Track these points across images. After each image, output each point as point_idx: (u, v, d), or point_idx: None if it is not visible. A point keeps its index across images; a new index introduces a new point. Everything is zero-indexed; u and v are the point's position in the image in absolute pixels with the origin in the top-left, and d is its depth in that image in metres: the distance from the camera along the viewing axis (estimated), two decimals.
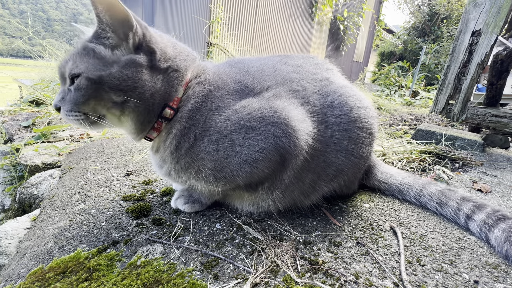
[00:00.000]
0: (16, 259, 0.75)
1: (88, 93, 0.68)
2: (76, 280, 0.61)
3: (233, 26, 6.18)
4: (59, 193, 1.06)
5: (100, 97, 0.69)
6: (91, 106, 0.70)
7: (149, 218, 0.88)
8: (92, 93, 0.68)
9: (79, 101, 0.68)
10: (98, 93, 0.68)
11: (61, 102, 0.70)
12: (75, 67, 0.68)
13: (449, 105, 2.31)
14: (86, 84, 0.67)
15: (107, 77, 0.67)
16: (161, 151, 0.82)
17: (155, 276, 0.63)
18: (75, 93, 0.68)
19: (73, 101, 0.69)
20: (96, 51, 0.69)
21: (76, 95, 0.68)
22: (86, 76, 0.67)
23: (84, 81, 0.67)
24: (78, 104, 0.69)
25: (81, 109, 0.69)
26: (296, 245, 0.78)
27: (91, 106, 0.70)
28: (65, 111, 0.70)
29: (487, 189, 1.28)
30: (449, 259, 0.76)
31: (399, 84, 7.52)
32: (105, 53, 0.69)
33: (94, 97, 0.69)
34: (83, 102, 0.68)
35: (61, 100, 0.71)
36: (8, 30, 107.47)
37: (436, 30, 10.18)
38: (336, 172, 0.91)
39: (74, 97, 0.68)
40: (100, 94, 0.68)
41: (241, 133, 0.75)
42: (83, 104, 0.69)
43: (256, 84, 0.83)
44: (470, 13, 2.06)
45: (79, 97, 0.68)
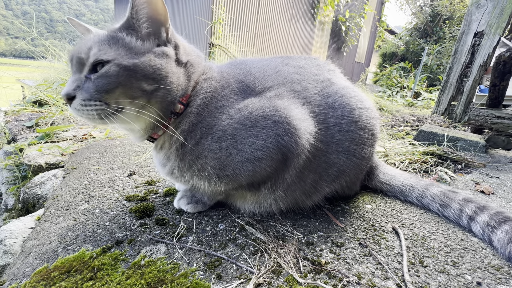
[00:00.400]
0: (21, 258, 0.76)
1: (118, 80, 0.66)
2: (81, 279, 0.62)
3: (235, 27, 6.20)
4: (63, 193, 1.07)
5: (129, 85, 0.67)
6: (116, 94, 0.67)
7: (152, 218, 0.89)
8: (122, 80, 0.66)
9: (104, 89, 0.65)
10: (129, 81, 0.67)
11: (77, 91, 0.66)
12: (103, 54, 0.66)
13: (451, 106, 2.31)
14: (117, 71, 0.65)
15: (141, 64, 0.68)
16: (165, 148, 0.82)
17: (159, 276, 0.63)
18: (101, 80, 0.65)
19: (96, 88, 0.65)
20: (126, 41, 0.70)
21: (102, 82, 0.65)
22: (118, 63, 0.66)
23: (114, 67, 0.65)
24: (102, 91, 0.65)
25: (103, 97, 0.66)
26: (298, 246, 0.78)
27: (116, 95, 0.67)
28: (82, 100, 0.65)
29: (489, 191, 1.28)
30: (452, 261, 0.76)
31: (401, 85, 7.51)
32: (135, 43, 0.70)
33: (123, 85, 0.66)
34: (108, 90, 0.65)
35: (76, 88, 0.66)
36: (11, 31, 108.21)
37: (438, 31, 10.15)
38: (337, 172, 0.91)
39: (98, 84, 0.65)
40: (130, 82, 0.67)
41: (243, 132, 0.76)
42: (107, 92, 0.66)
43: (258, 84, 0.84)
44: (473, 14, 2.06)
45: (105, 84, 0.65)
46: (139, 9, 0.69)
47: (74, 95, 0.65)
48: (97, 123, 0.69)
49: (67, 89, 0.66)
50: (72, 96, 0.66)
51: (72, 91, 0.65)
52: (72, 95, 0.65)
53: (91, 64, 0.66)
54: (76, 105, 0.65)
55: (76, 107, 0.66)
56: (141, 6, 0.68)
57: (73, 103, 0.66)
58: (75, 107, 0.66)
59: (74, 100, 0.65)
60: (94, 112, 0.65)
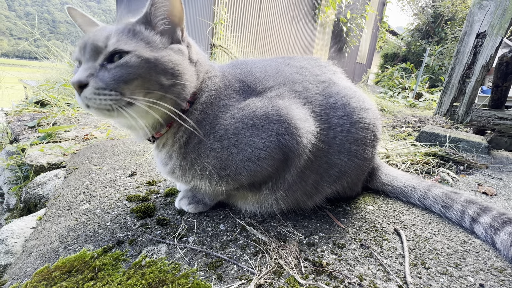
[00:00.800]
0: (23, 258, 0.76)
1: (139, 71, 0.65)
2: (82, 279, 0.62)
3: (236, 27, 6.21)
4: (64, 193, 1.08)
5: (148, 78, 0.66)
6: (133, 86, 0.65)
7: (153, 219, 0.89)
8: (142, 72, 0.65)
9: (123, 79, 0.63)
10: (148, 73, 0.66)
11: (91, 78, 0.63)
12: (123, 44, 0.65)
13: (453, 107, 2.30)
14: (138, 62, 0.65)
15: (162, 58, 0.68)
16: (168, 146, 0.81)
17: (160, 276, 0.63)
18: (120, 70, 0.64)
19: (114, 77, 0.63)
20: (145, 35, 0.70)
21: (122, 71, 0.64)
22: (139, 55, 0.65)
23: (135, 58, 0.65)
24: (119, 81, 0.63)
25: (120, 88, 0.63)
26: (299, 247, 0.78)
27: (133, 86, 0.65)
28: (95, 88, 0.62)
29: (492, 192, 1.27)
30: (454, 262, 0.76)
31: (403, 86, 7.49)
32: (154, 38, 0.71)
33: (142, 77, 0.65)
34: (127, 81, 0.64)
35: (89, 76, 0.63)
36: (14, 32, 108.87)
37: (440, 32, 10.13)
38: (339, 173, 0.91)
39: (116, 73, 0.63)
40: (149, 75, 0.66)
41: (245, 131, 0.76)
42: (125, 83, 0.64)
43: (259, 84, 0.84)
44: (475, 15, 2.05)
45: (124, 74, 0.63)
46: (159, 6, 0.70)
47: (87, 83, 0.62)
48: (105, 115, 0.66)
49: (79, 75, 0.62)
50: (84, 84, 0.62)
51: (85, 78, 0.62)
52: (84, 82, 0.62)
53: (109, 53, 0.65)
54: (87, 93, 0.62)
55: (87, 95, 0.62)
56: (161, 4, 0.69)
57: (84, 91, 0.62)
58: (87, 95, 0.62)
59: (86, 88, 0.62)
60: (107, 102, 0.63)
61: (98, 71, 0.64)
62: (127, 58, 0.64)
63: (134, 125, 0.75)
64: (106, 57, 0.65)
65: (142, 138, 0.82)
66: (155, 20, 0.71)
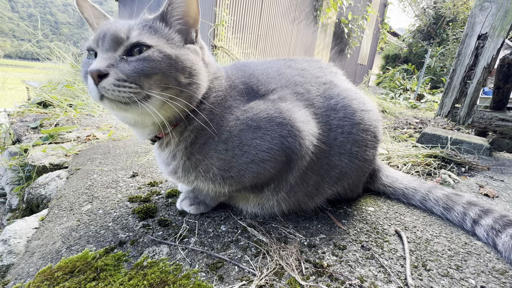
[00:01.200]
0: (25, 258, 0.76)
1: (160, 66, 0.64)
2: (84, 280, 0.62)
3: (237, 29, 6.22)
4: (67, 194, 1.08)
5: (168, 74, 0.66)
6: (152, 80, 0.64)
7: (155, 219, 0.89)
8: (163, 68, 0.65)
9: (145, 72, 0.63)
10: (169, 69, 0.66)
11: (111, 69, 0.61)
12: (145, 38, 0.65)
13: (455, 108, 2.29)
14: (161, 57, 0.65)
15: (182, 57, 0.68)
16: (172, 146, 0.80)
17: (161, 277, 0.64)
18: (142, 63, 0.63)
19: (135, 70, 0.62)
20: (165, 32, 0.70)
21: (144, 65, 0.63)
22: (161, 50, 0.65)
23: (158, 53, 0.65)
24: (141, 74, 0.62)
25: (140, 81, 0.63)
26: (300, 248, 0.78)
27: (153, 81, 0.64)
28: (116, 80, 0.60)
29: (494, 194, 1.27)
30: (455, 264, 0.76)
31: (404, 87, 7.48)
32: (173, 35, 0.71)
33: (163, 73, 0.65)
34: (148, 74, 0.63)
35: (109, 66, 0.61)
36: (17, 33, 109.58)
37: (442, 33, 10.12)
38: (340, 175, 0.91)
39: (138, 66, 0.63)
40: (169, 71, 0.66)
41: (249, 133, 0.76)
42: (146, 76, 0.63)
43: (261, 86, 0.85)
44: (476, 17, 2.05)
45: (146, 68, 0.63)
46: (175, 6, 0.71)
47: (107, 73, 0.60)
48: (118, 108, 0.64)
49: (98, 64, 0.60)
50: (104, 74, 0.60)
51: (105, 68, 0.60)
52: (104, 72, 0.60)
53: (130, 44, 0.65)
54: (106, 84, 0.60)
55: (106, 86, 0.60)
56: (178, 4, 0.70)
57: (103, 81, 0.60)
58: (105, 85, 0.60)
59: (106, 78, 0.60)
60: (126, 94, 0.61)
61: (118, 62, 0.63)
62: (149, 52, 0.64)
63: (141, 122, 0.74)
64: (127, 48, 0.65)
65: (146, 137, 0.81)
66: (172, 19, 0.72)
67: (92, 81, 0.61)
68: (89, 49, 0.70)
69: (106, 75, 0.60)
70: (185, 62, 0.69)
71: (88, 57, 0.71)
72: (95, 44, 0.67)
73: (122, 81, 0.61)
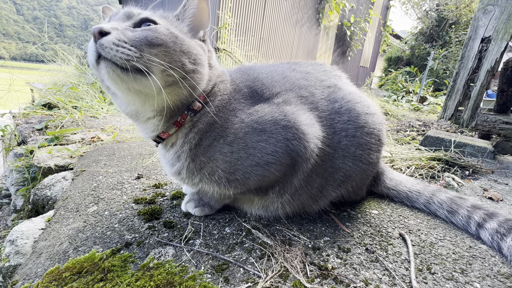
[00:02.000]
0: (33, 259, 0.77)
1: (164, 39, 0.64)
2: (92, 280, 0.63)
3: (240, 31, 6.26)
4: (72, 195, 1.09)
5: (172, 50, 0.65)
6: (155, 51, 0.63)
7: (160, 221, 0.90)
8: (168, 42, 0.65)
9: (147, 39, 0.62)
10: (174, 46, 0.66)
11: (114, 30, 0.60)
12: (156, 17, 0.69)
13: (458, 111, 2.29)
14: (166, 33, 0.66)
15: (188, 43, 0.71)
16: (176, 146, 0.81)
17: (168, 278, 0.64)
18: (147, 32, 0.63)
19: (138, 36, 0.61)
20: (176, 23, 0.75)
21: (148, 33, 0.63)
22: (168, 28, 0.68)
23: (164, 29, 0.66)
24: (143, 40, 0.61)
25: (141, 47, 0.61)
26: (305, 251, 0.78)
27: (155, 51, 0.63)
28: (117, 39, 0.58)
29: (498, 197, 1.26)
30: (460, 268, 0.75)
31: (407, 90, 7.47)
32: (183, 27, 0.77)
33: (167, 47, 0.64)
34: (151, 43, 0.62)
35: (114, 28, 0.60)
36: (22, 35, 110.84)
37: (444, 36, 10.10)
38: (343, 177, 0.91)
39: (142, 33, 0.62)
40: (174, 48, 0.66)
41: (254, 136, 0.77)
42: (149, 45, 0.62)
43: (265, 90, 0.86)
44: (480, 20, 2.06)
45: (150, 36, 0.62)
46: (189, 8, 0.77)
47: (109, 32, 0.58)
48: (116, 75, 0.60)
49: (103, 25, 0.59)
50: (106, 32, 0.58)
51: (109, 28, 0.59)
52: (106, 30, 0.58)
53: (140, 19, 0.67)
54: (105, 42, 0.57)
55: (104, 43, 0.57)
56: (190, 6, 0.77)
57: (103, 39, 0.58)
58: (103, 43, 0.57)
59: (106, 36, 0.58)
60: (123, 55, 0.58)
61: (123, 29, 0.62)
62: (156, 26, 0.67)
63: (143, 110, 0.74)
64: (135, 22, 0.67)
65: (150, 134, 0.80)
66: (184, 18, 0.78)
67: (92, 41, 0.59)
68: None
69: (107, 34, 0.59)
70: (191, 48, 0.71)
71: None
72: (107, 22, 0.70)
73: (122, 41, 0.59)
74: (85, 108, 2.79)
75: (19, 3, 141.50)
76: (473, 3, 9.59)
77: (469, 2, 9.72)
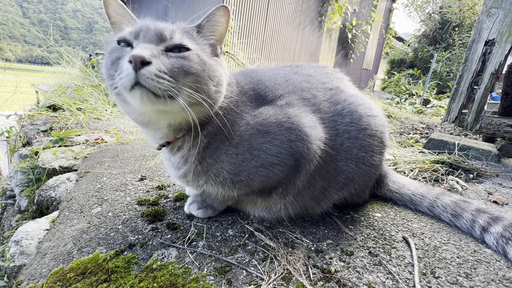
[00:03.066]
0: (37, 259, 0.78)
1: (197, 68, 0.67)
2: (96, 281, 0.64)
3: (243, 34, 6.29)
4: (77, 196, 1.10)
5: (201, 77, 0.68)
6: (188, 79, 0.66)
7: (163, 223, 0.90)
8: (199, 70, 0.68)
9: (184, 69, 0.65)
10: (202, 73, 0.68)
11: (154, 58, 0.62)
12: (187, 42, 0.70)
13: (462, 114, 2.27)
14: (199, 61, 0.69)
15: (213, 66, 0.72)
16: (184, 150, 0.81)
17: (171, 280, 0.65)
18: (184, 61, 0.66)
19: (176, 65, 0.64)
20: (199, 41, 0.75)
21: (185, 63, 0.66)
22: (199, 55, 0.70)
23: (196, 57, 0.69)
24: (180, 70, 0.65)
25: (178, 77, 0.65)
26: (308, 253, 0.78)
27: (188, 80, 0.66)
28: (158, 70, 0.61)
29: (503, 201, 1.25)
30: (465, 272, 0.75)
31: (410, 92, 7.43)
32: (206, 47, 0.76)
33: (197, 75, 0.67)
34: (186, 73, 0.65)
35: (153, 56, 0.62)
36: (28, 38, 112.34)
37: (448, 38, 10.06)
38: (346, 180, 0.91)
39: (179, 62, 0.65)
40: (202, 75, 0.69)
41: (259, 138, 0.78)
42: (184, 74, 0.65)
43: (269, 93, 0.87)
44: (483, 23, 2.05)
45: (186, 66, 0.66)
46: (211, 24, 0.76)
47: (150, 62, 0.60)
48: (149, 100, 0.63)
49: (142, 52, 0.60)
50: (147, 62, 0.60)
51: (150, 57, 0.61)
52: (147, 60, 0.60)
53: (174, 44, 0.68)
54: (147, 72, 0.60)
55: (146, 74, 0.60)
56: (215, 22, 0.76)
57: (145, 68, 0.60)
58: (145, 73, 0.60)
59: (148, 66, 0.60)
60: (164, 86, 0.62)
61: (160, 55, 0.65)
62: (189, 53, 0.68)
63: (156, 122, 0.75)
64: (169, 47, 0.68)
65: (157, 141, 0.81)
66: (206, 33, 0.77)
67: (130, 67, 0.60)
68: (121, 40, 0.70)
69: (149, 64, 0.60)
70: (215, 71, 0.72)
71: (120, 45, 0.70)
72: (132, 36, 0.68)
73: (163, 72, 0.62)
74: (89, 110, 2.81)
75: (25, 6, 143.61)
76: (476, 5, 9.56)
77: (472, 4, 9.69)
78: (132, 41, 0.68)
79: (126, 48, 0.68)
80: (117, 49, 0.68)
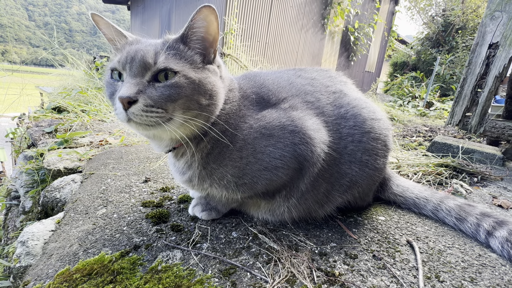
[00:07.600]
0: (43, 260, 0.79)
1: (185, 92, 0.67)
2: (102, 282, 0.64)
3: (246, 37, 6.33)
4: (82, 198, 1.11)
5: (190, 97, 0.69)
6: (176, 104, 0.68)
7: (167, 224, 0.91)
8: (187, 92, 0.68)
9: (171, 98, 0.66)
10: (191, 93, 0.69)
11: (140, 95, 0.64)
12: (172, 63, 0.68)
13: (466, 117, 2.27)
14: (186, 83, 0.68)
15: (204, 80, 0.71)
16: (187, 156, 0.82)
17: (176, 281, 0.65)
18: (169, 89, 0.66)
19: (162, 96, 0.66)
20: (187, 54, 0.73)
21: (171, 91, 0.66)
22: (186, 75, 0.68)
23: (184, 79, 0.68)
24: (167, 100, 0.66)
25: (166, 105, 0.66)
26: (311, 256, 0.78)
27: (176, 104, 0.68)
28: (145, 106, 0.64)
29: (508, 205, 1.24)
30: (469, 276, 0.74)
31: (413, 95, 7.41)
32: (195, 58, 0.74)
33: (186, 97, 0.68)
34: (174, 100, 0.67)
35: (138, 92, 0.65)
36: (33, 41, 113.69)
37: (451, 41, 10.03)
38: (350, 183, 0.91)
39: (165, 92, 0.66)
40: (192, 95, 0.69)
41: (262, 141, 0.78)
42: (172, 101, 0.67)
43: (272, 96, 0.87)
44: (487, 26, 2.05)
45: (173, 94, 0.66)
46: (195, 31, 0.72)
47: (137, 100, 0.64)
48: (144, 129, 0.69)
49: (129, 91, 0.64)
50: (134, 100, 0.64)
51: (135, 95, 0.64)
52: (134, 99, 0.64)
53: (158, 70, 0.68)
54: (135, 110, 0.64)
55: (134, 112, 0.64)
56: (197, 28, 0.71)
57: (132, 107, 0.64)
58: (134, 111, 0.64)
59: (135, 104, 0.64)
60: (152, 119, 0.65)
61: (146, 88, 0.67)
62: (176, 78, 0.67)
63: (160, 137, 0.78)
64: (154, 74, 0.68)
65: (163, 149, 0.84)
66: (191, 42, 0.74)
67: (121, 106, 0.65)
68: (113, 69, 0.73)
69: (136, 102, 0.64)
70: (207, 85, 0.72)
71: (111, 77, 0.74)
72: (121, 67, 0.70)
73: (150, 106, 0.65)
74: (94, 112, 2.84)
75: (31, 10, 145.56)
76: (480, 8, 9.54)
77: (475, 7, 9.67)
78: (121, 71, 0.71)
79: (118, 83, 0.72)
80: (111, 84, 0.73)
